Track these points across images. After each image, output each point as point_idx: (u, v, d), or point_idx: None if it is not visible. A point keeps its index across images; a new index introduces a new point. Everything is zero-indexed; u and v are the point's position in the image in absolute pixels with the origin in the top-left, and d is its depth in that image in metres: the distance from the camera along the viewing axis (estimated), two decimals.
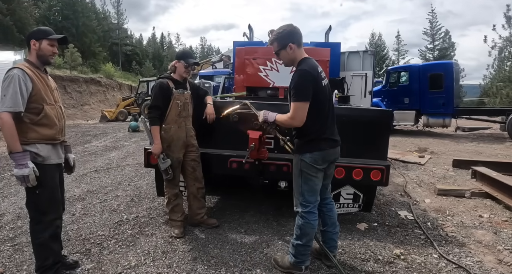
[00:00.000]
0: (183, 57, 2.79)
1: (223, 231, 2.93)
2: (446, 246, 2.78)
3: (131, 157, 6.84)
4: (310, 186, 2.17)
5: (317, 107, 2.06)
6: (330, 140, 2.17)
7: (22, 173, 1.87)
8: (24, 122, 1.94)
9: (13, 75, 1.91)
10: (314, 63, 2.12)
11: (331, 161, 2.24)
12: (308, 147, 2.15)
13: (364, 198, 3.15)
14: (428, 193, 4.57)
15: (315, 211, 2.21)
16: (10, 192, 4.32)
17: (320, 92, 2.06)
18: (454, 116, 10.95)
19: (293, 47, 2.11)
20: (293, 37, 2.11)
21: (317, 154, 2.13)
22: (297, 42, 2.12)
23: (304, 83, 2.01)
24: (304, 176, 2.16)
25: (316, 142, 2.13)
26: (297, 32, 2.13)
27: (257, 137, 2.42)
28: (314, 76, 2.02)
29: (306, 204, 2.19)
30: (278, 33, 2.14)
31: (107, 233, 2.87)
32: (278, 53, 2.19)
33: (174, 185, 2.85)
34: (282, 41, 2.13)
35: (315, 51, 5.04)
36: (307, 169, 2.14)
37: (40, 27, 2.16)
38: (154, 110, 2.71)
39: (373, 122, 2.95)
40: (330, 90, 2.23)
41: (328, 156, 2.17)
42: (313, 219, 2.18)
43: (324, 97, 2.10)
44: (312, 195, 2.19)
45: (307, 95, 2.00)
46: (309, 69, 2.03)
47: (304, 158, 2.14)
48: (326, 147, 2.14)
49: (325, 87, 2.14)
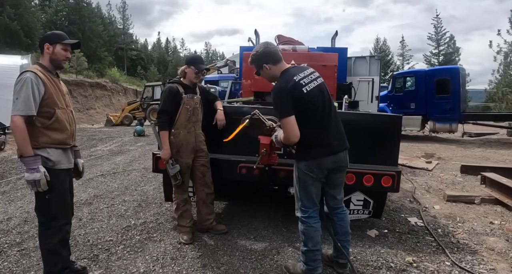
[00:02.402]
0: (193, 63, 2.78)
1: (232, 237, 2.89)
2: (458, 254, 2.74)
3: (137, 161, 6.84)
4: (307, 193, 2.16)
5: (303, 115, 2.03)
6: (327, 146, 2.10)
7: (33, 178, 1.85)
8: (36, 126, 1.94)
9: (25, 79, 1.90)
10: (291, 73, 2.09)
11: (333, 169, 2.15)
12: (302, 155, 2.13)
13: (374, 204, 3.11)
14: (437, 199, 4.52)
15: (315, 214, 2.19)
16: (17, 196, 4.32)
17: (301, 100, 2.01)
18: (461, 122, 10.86)
19: (268, 67, 2.15)
20: (266, 58, 2.15)
21: (312, 163, 2.09)
22: (271, 61, 2.15)
23: (279, 100, 2.02)
24: (301, 183, 2.15)
25: (311, 149, 2.09)
26: (270, 52, 2.15)
27: (268, 142, 2.39)
28: (287, 89, 2.00)
29: (305, 209, 2.19)
30: (252, 55, 2.22)
31: (115, 239, 2.84)
32: (259, 74, 2.25)
33: (183, 191, 2.82)
34: (257, 63, 2.19)
35: (322, 56, 5.04)
36: (303, 177, 2.13)
37: (54, 31, 2.16)
38: (163, 115, 2.70)
39: (383, 128, 2.92)
40: (324, 92, 2.14)
41: (325, 164, 2.10)
42: (314, 222, 2.17)
43: (308, 104, 2.04)
44: (310, 200, 2.17)
45: (286, 110, 1.98)
46: (282, 84, 2.03)
47: (300, 165, 2.13)
48: (321, 154, 2.08)
49: (311, 92, 2.04)
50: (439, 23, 39.00)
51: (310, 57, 4.91)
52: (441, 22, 39.03)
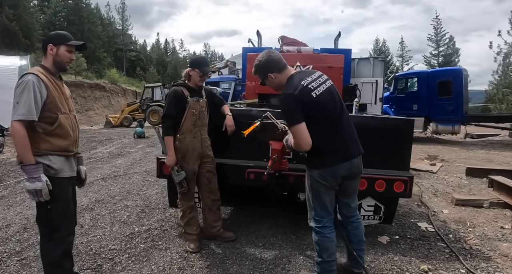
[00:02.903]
0: (197, 66, 2.66)
1: (241, 245, 2.80)
2: (472, 260, 2.68)
3: (138, 164, 6.73)
4: (321, 202, 2.07)
5: (313, 121, 1.94)
6: (341, 152, 2.00)
7: (34, 187, 1.74)
8: (37, 132, 1.82)
9: (27, 81, 1.79)
10: (298, 78, 2.00)
11: (347, 176, 2.06)
12: (315, 162, 2.04)
13: (385, 210, 3.03)
14: (445, 203, 4.46)
15: (329, 224, 2.10)
16: (16, 201, 4.21)
17: (310, 105, 1.93)
18: (463, 123, 10.81)
19: (273, 76, 2.08)
20: (270, 66, 2.07)
21: (325, 170, 2.00)
22: (276, 69, 2.07)
23: (287, 107, 1.95)
24: (314, 191, 2.06)
25: (324, 156, 2.00)
26: (273, 60, 2.07)
27: (280, 147, 2.30)
28: (294, 96, 1.91)
29: (319, 218, 2.09)
30: (255, 65, 2.14)
31: (119, 247, 2.74)
32: (264, 83, 2.17)
33: (189, 197, 2.72)
34: (261, 73, 2.12)
35: (328, 57, 4.95)
36: (315, 185, 2.04)
37: (58, 31, 2.05)
38: (167, 119, 2.59)
39: (395, 132, 2.84)
40: (334, 95, 2.06)
41: (339, 171, 2.01)
42: (329, 233, 2.07)
43: (319, 108, 1.95)
44: (325, 209, 2.08)
45: (295, 117, 1.90)
46: (290, 90, 1.95)
47: (313, 173, 2.04)
48: (335, 161, 1.99)
49: (321, 96, 1.96)
50: (439, 24, 39.09)
51: (315, 58, 4.82)
52: (441, 23, 39.12)
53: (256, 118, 2.67)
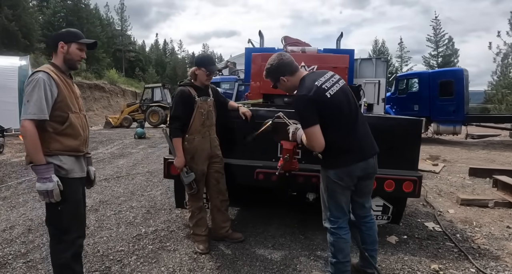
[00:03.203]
0: (204, 64, 2.62)
1: (250, 246, 2.77)
2: (481, 260, 2.68)
3: (140, 164, 6.70)
4: (337, 202, 2.05)
5: (328, 121, 1.93)
6: (356, 152, 1.99)
7: (46, 188, 1.70)
8: (47, 132, 1.78)
9: (37, 79, 1.73)
10: (312, 79, 1.98)
11: (363, 176, 2.05)
12: (331, 162, 2.02)
13: (393, 210, 3.02)
14: (450, 203, 4.48)
15: (345, 225, 2.08)
16: (18, 202, 4.16)
17: (325, 105, 1.91)
18: (464, 124, 10.82)
19: (286, 79, 2.07)
20: (282, 70, 2.06)
21: (341, 170, 1.98)
22: (288, 72, 2.06)
23: (302, 109, 1.94)
24: (329, 192, 2.04)
25: (340, 156, 1.98)
26: (285, 63, 2.06)
27: (291, 147, 2.28)
28: (309, 97, 1.90)
29: (334, 219, 2.07)
30: (267, 69, 2.13)
31: (126, 249, 2.70)
32: (276, 87, 2.15)
33: (198, 199, 2.69)
34: (273, 76, 2.11)
35: (333, 58, 4.94)
36: (331, 185, 2.02)
37: (70, 29, 2.00)
38: (175, 120, 2.54)
39: (404, 132, 2.83)
40: (348, 95, 2.05)
41: (355, 171, 2.00)
42: (344, 234, 2.05)
43: (334, 108, 1.94)
44: (340, 209, 2.06)
45: (310, 119, 1.90)
46: (304, 91, 1.93)
47: (329, 174, 2.02)
48: (351, 161, 1.97)
49: (335, 96, 1.95)
50: (438, 25, 39.19)
51: (320, 58, 4.81)
52: (440, 24, 39.22)
53: (266, 118, 2.65)
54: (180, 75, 51.00)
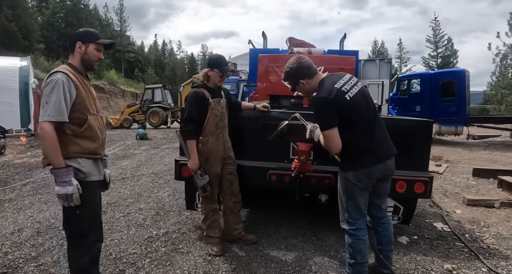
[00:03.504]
0: (217, 65, 2.62)
1: (263, 248, 2.76)
2: (491, 259, 2.71)
3: (144, 166, 6.67)
4: (355, 204, 2.05)
5: (348, 123, 1.94)
6: (375, 154, 2.00)
7: (65, 191, 1.67)
8: (65, 134, 1.74)
9: (56, 80, 1.70)
10: (331, 81, 1.99)
11: (381, 177, 2.06)
12: (350, 164, 2.02)
13: (404, 211, 3.03)
14: (456, 203, 4.50)
15: (363, 226, 2.09)
16: (24, 204, 4.13)
17: (344, 108, 1.92)
18: (466, 124, 10.85)
19: (305, 82, 2.08)
20: (302, 73, 2.06)
21: (361, 172, 1.99)
22: (307, 75, 2.07)
23: (322, 111, 1.95)
24: (348, 193, 2.05)
25: (359, 157, 1.99)
26: (304, 66, 2.06)
27: (308, 149, 2.28)
28: (329, 100, 1.90)
29: (352, 221, 2.07)
30: (286, 72, 2.13)
31: (139, 251, 2.68)
32: (294, 89, 2.18)
33: (212, 201, 2.67)
34: (292, 80, 2.12)
35: (339, 59, 4.93)
36: (350, 187, 2.02)
37: (88, 28, 1.96)
38: (189, 122, 2.52)
39: (415, 133, 2.84)
40: (367, 97, 2.07)
41: (375, 173, 2.01)
42: (362, 235, 2.07)
43: (353, 110, 1.95)
44: (359, 211, 2.07)
45: (329, 122, 1.91)
46: (324, 94, 1.94)
47: (348, 175, 2.02)
48: (371, 163, 1.98)
49: (354, 98, 1.96)
50: (437, 26, 39.30)
51: (326, 60, 4.80)
52: (439, 25, 39.33)
53: (278, 119, 2.65)
54: (179, 76, 50.95)
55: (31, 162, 7.30)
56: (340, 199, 2.11)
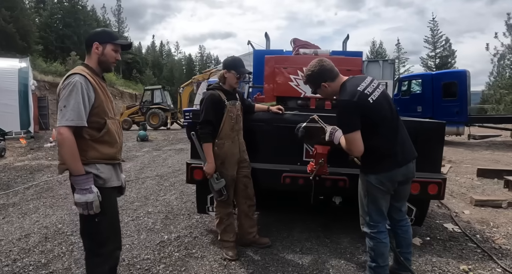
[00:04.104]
0: (234, 67, 2.58)
1: (278, 251, 2.72)
2: (504, 259, 2.71)
3: (148, 168, 6.62)
4: (377, 207, 2.03)
5: (371, 126, 1.92)
6: (398, 156, 1.98)
7: (86, 199, 1.60)
8: (84, 139, 1.67)
9: (74, 83, 1.63)
10: (354, 84, 1.97)
11: (403, 180, 2.06)
12: (373, 167, 2.01)
13: (417, 212, 3.01)
14: (464, 203, 4.51)
15: (384, 229, 2.08)
16: (29, 208, 4.06)
17: (369, 112, 1.91)
18: (467, 124, 10.89)
19: (327, 85, 2.07)
20: (324, 76, 2.05)
21: (384, 175, 1.97)
22: (329, 78, 2.05)
23: (345, 114, 1.94)
24: (370, 197, 2.02)
25: (382, 161, 1.97)
26: (326, 69, 2.05)
27: (326, 152, 2.25)
28: (353, 102, 1.89)
29: (374, 224, 2.05)
30: (307, 75, 2.12)
31: (152, 257, 2.63)
32: (315, 92, 2.17)
33: (227, 204, 2.63)
34: (314, 82, 2.11)
35: (346, 60, 4.91)
36: (372, 190, 2.00)
37: (105, 28, 1.91)
38: (206, 125, 2.47)
39: (428, 135, 2.83)
40: (388, 100, 2.06)
41: (397, 176, 2.00)
42: (384, 238, 2.05)
43: (377, 113, 1.94)
44: (380, 214, 2.06)
45: (352, 125, 1.90)
46: (348, 97, 1.92)
47: (370, 179, 2.00)
48: (393, 166, 1.97)
49: (377, 101, 1.95)
50: (436, 26, 39.47)
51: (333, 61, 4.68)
52: (437, 25, 39.51)
53: (293, 122, 2.62)
54: (177, 77, 50.82)
55: (33, 164, 7.23)
56: (361, 202, 2.09)
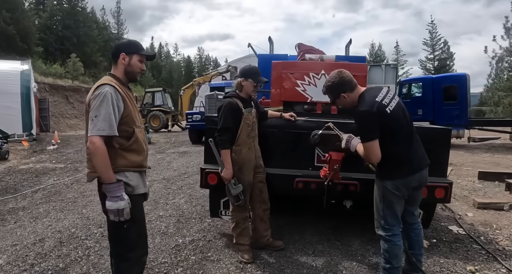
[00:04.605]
0: (251, 76, 2.66)
1: (291, 254, 2.80)
2: (509, 260, 2.80)
3: (153, 171, 6.66)
4: (392, 211, 2.13)
5: (389, 135, 2.01)
6: (413, 163, 2.09)
7: (117, 207, 1.67)
8: (113, 148, 1.73)
9: (105, 93, 1.69)
10: (372, 95, 2.06)
11: (417, 186, 2.16)
12: (389, 173, 2.10)
13: (424, 215, 3.10)
14: (467, 206, 4.59)
15: (398, 232, 2.17)
16: (39, 212, 4.10)
17: (387, 121, 2.00)
18: (467, 127, 11.02)
19: (346, 95, 2.14)
20: (343, 87, 2.13)
21: (400, 181, 2.07)
22: (348, 89, 2.13)
23: (364, 124, 2.03)
24: (386, 202, 2.12)
25: (398, 167, 2.07)
26: (345, 81, 2.13)
27: (340, 158, 2.34)
28: (372, 113, 1.98)
29: (389, 227, 2.15)
30: (327, 86, 2.19)
31: (169, 260, 2.69)
32: (334, 102, 2.26)
33: (243, 209, 2.70)
34: (333, 93, 2.19)
35: (351, 66, 4.99)
36: (388, 195, 2.10)
37: (131, 40, 1.98)
38: (225, 132, 2.55)
39: (435, 140, 2.91)
40: (404, 110, 2.16)
41: (412, 182, 2.11)
42: (398, 240, 2.15)
43: (394, 123, 2.04)
44: (395, 218, 2.16)
45: (371, 134, 1.99)
46: (367, 107, 2.00)
47: (386, 184, 2.10)
48: (409, 173, 2.08)
49: (394, 111, 2.04)
50: (434, 29, 39.73)
51: (338, 67, 4.77)
52: (436, 28, 39.75)
53: (305, 128, 2.71)
54: (176, 78, 50.86)
55: (37, 167, 7.26)
56: (377, 206, 2.17)
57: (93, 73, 29.81)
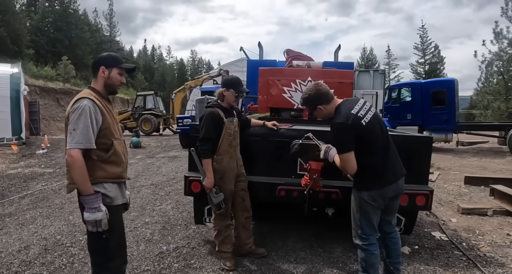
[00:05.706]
0: (233, 86, 2.71)
1: (273, 261, 2.83)
2: (488, 267, 2.83)
3: (142, 176, 6.65)
4: (369, 221, 2.18)
5: (364, 146, 2.06)
6: (389, 174, 2.14)
7: (95, 218, 1.70)
8: (92, 160, 1.76)
9: (83, 107, 1.72)
10: (348, 107, 2.11)
11: (393, 196, 2.20)
12: (365, 184, 2.15)
13: (405, 222, 3.15)
14: (451, 211, 4.65)
15: (375, 241, 2.21)
16: (26, 219, 4.08)
17: (362, 133, 2.05)
18: (455, 131, 11.21)
19: (323, 108, 2.20)
20: (320, 99, 2.19)
21: (376, 192, 2.12)
22: (325, 101, 2.20)
23: (340, 136, 2.07)
24: (362, 212, 2.16)
25: (374, 178, 2.12)
26: (322, 93, 2.20)
27: (320, 168, 2.38)
28: (347, 125, 2.02)
29: (365, 236, 2.19)
30: (304, 98, 2.26)
31: (152, 268, 2.71)
32: (312, 114, 2.33)
33: (225, 217, 2.74)
34: (310, 105, 2.25)
35: (338, 73, 5.08)
36: (365, 206, 2.14)
37: (111, 53, 2.00)
38: (207, 142, 2.58)
39: (416, 148, 2.97)
40: (380, 121, 2.22)
41: (388, 193, 2.15)
42: (375, 249, 2.19)
43: (370, 134, 2.08)
44: (372, 228, 2.20)
45: (347, 146, 2.04)
46: (342, 120, 2.05)
47: (362, 195, 2.14)
48: (385, 183, 2.12)
49: (370, 123, 2.09)
50: (425, 33, 40.30)
51: (325, 73, 4.95)
52: (427, 32, 40.33)
53: (288, 137, 2.75)
54: (169, 81, 50.68)
55: (26, 172, 7.19)
56: (354, 216, 2.22)
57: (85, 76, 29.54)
